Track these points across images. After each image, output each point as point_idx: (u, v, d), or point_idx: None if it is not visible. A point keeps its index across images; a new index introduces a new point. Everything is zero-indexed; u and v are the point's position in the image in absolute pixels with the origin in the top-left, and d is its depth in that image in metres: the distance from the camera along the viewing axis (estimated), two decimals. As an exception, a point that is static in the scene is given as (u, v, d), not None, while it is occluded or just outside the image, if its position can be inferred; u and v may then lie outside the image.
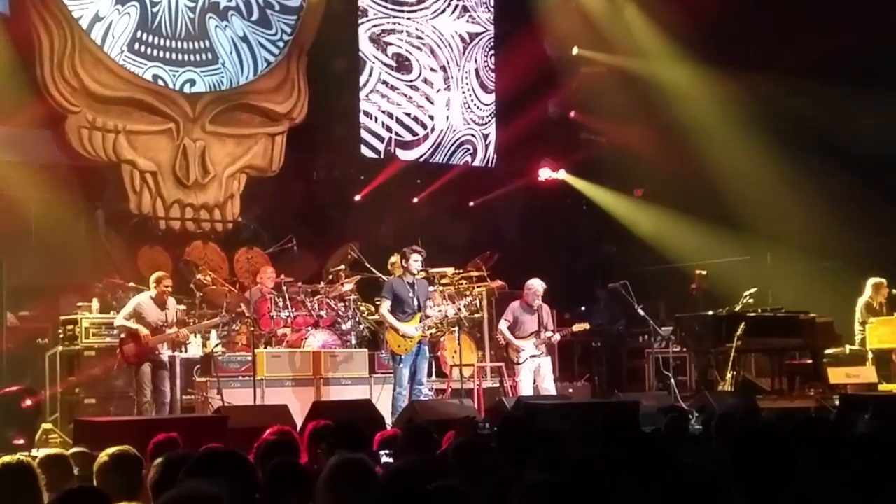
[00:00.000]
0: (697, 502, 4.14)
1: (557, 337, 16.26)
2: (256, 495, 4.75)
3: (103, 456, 5.87)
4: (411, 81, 21.19)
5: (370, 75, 20.77)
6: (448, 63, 21.50)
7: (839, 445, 4.81)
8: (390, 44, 20.94)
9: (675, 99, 20.12)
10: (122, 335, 14.11)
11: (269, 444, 6.89)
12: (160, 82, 18.39)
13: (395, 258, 16.78)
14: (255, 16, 19.31)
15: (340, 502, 4.56)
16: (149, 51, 18.31)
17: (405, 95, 21.09)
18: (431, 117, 21.29)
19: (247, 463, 4.88)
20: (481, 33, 21.88)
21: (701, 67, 19.59)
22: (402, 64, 21.07)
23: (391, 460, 6.99)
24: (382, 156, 20.71)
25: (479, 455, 6.06)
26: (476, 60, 21.75)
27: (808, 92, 17.54)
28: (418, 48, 21.25)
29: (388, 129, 20.82)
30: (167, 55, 18.49)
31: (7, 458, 5.41)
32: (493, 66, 21.86)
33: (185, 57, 18.67)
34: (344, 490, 4.57)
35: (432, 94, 21.37)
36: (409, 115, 21.10)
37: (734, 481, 4.74)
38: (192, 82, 18.69)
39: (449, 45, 21.51)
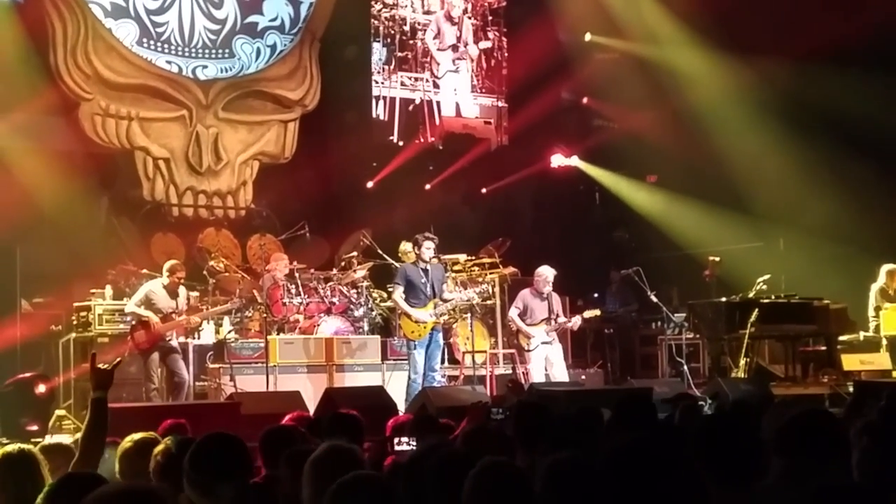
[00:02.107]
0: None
1: (578, 320, 16.18)
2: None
3: (127, 441, 5.89)
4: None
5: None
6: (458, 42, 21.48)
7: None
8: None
9: (688, 85, 20.05)
10: (133, 322, 14.17)
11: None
12: (174, 67, 18.39)
13: (404, 246, 16.80)
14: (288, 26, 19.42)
15: (322, 491, 4.51)
16: (159, 45, 18.33)
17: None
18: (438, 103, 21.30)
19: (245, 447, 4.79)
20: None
21: (714, 53, 19.51)
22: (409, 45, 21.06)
23: (404, 448, 6.96)
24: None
25: (491, 441, 6.05)
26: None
27: (821, 77, 17.47)
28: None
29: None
30: (179, 52, 18.53)
31: (9, 448, 5.42)
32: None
33: (199, 52, 18.70)
34: (326, 479, 4.42)
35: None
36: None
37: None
38: (205, 66, 18.68)
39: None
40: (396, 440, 7.07)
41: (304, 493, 4.53)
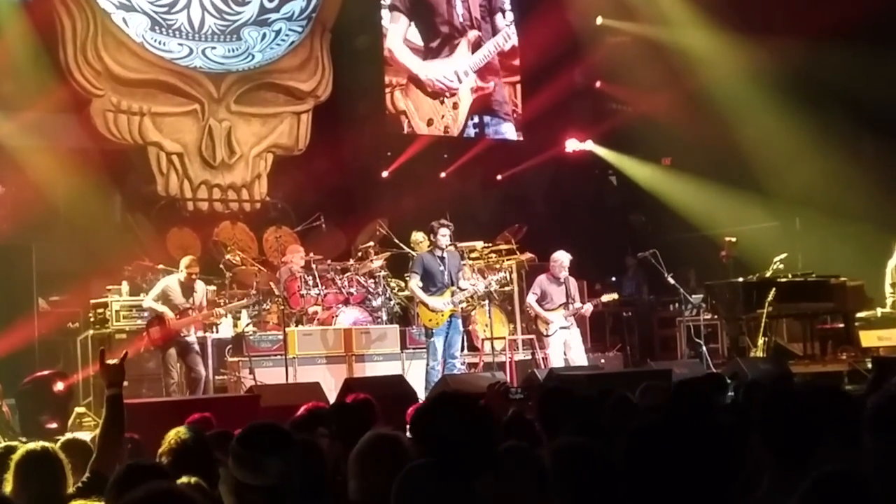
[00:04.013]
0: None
1: (589, 307, 16.20)
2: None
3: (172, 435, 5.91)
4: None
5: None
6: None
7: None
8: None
9: (701, 66, 19.98)
10: (150, 317, 14.19)
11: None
12: (184, 50, 18.36)
13: (415, 235, 16.81)
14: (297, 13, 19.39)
15: (369, 479, 4.55)
16: (170, 32, 18.33)
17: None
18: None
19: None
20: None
21: (726, 34, 19.44)
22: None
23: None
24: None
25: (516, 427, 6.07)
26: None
27: (835, 56, 17.40)
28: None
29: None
30: (189, 37, 18.52)
31: (32, 446, 5.43)
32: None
33: (208, 38, 18.69)
34: (373, 467, 4.55)
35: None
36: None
37: (762, 448, 4.71)
38: (213, 48, 18.65)
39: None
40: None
41: (351, 486, 4.57)
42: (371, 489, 4.53)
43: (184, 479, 4.65)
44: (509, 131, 21.74)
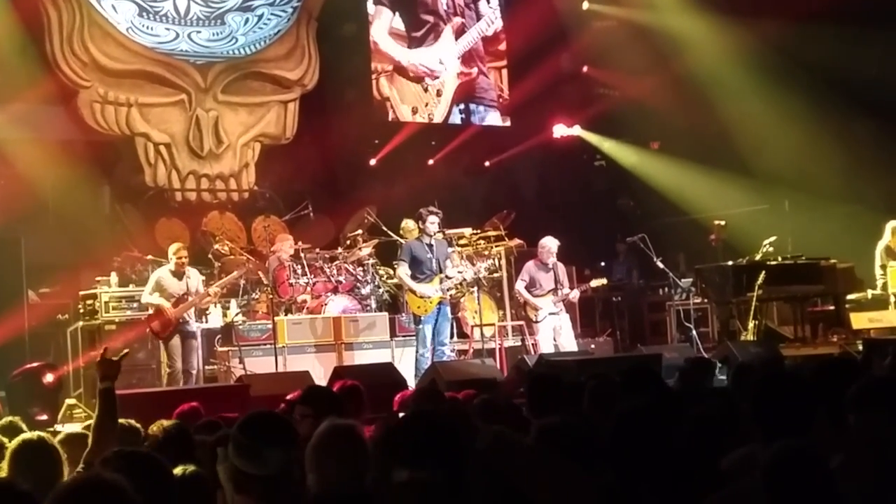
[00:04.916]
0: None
1: (576, 293, 16.23)
2: None
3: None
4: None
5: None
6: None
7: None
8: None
9: (688, 50, 19.97)
10: (150, 311, 14.19)
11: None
12: (171, 34, 18.30)
13: (405, 223, 16.79)
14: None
15: (327, 469, 4.52)
16: (157, 18, 18.29)
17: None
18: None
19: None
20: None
21: (713, 16, 19.42)
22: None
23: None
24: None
25: (503, 412, 6.06)
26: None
27: (823, 37, 17.42)
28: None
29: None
30: (175, 22, 18.46)
31: (28, 435, 5.46)
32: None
33: (193, 23, 18.64)
34: (331, 457, 4.52)
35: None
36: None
37: (755, 430, 4.73)
38: (199, 31, 18.58)
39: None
40: (401, 415, 7.08)
41: (310, 480, 4.54)
42: (329, 481, 4.49)
43: (179, 469, 4.67)
44: (494, 118, 21.69)
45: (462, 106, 21.28)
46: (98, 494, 3.40)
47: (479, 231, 17.71)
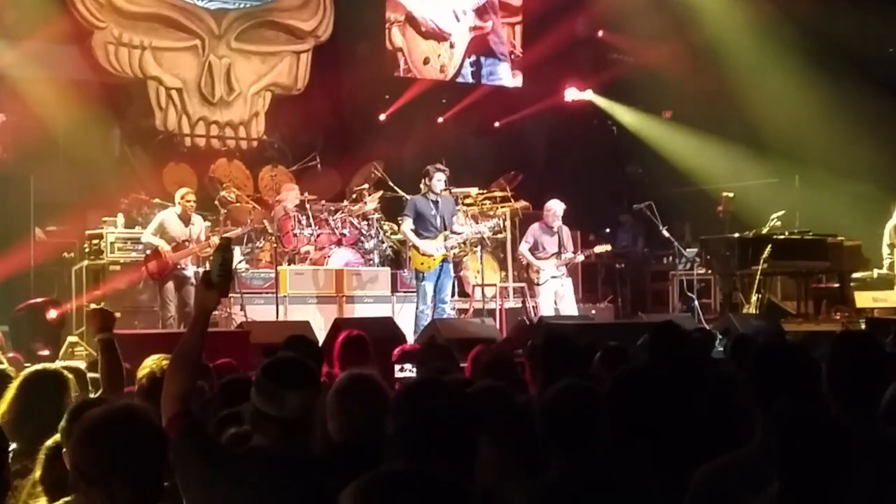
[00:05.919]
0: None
1: (581, 257, 16.23)
2: None
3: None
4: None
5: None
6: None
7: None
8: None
9: (706, 19, 19.86)
10: (148, 251, 14.23)
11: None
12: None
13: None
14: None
15: (349, 417, 4.60)
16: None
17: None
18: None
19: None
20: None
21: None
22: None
23: (405, 374, 7.01)
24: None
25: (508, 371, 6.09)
26: None
27: (843, 12, 17.33)
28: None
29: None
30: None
31: (40, 366, 5.61)
32: None
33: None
34: (353, 405, 4.64)
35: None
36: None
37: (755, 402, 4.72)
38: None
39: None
40: (399, 367, 7.11)
41: (330, 426, 4.66)
42: (350, 429, 4.57)
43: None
44: (505, 72, 21.58)
45: (473, 58, 21.19)
46: (131, 420, 3.57)
47: (485, 191, 17.68)
